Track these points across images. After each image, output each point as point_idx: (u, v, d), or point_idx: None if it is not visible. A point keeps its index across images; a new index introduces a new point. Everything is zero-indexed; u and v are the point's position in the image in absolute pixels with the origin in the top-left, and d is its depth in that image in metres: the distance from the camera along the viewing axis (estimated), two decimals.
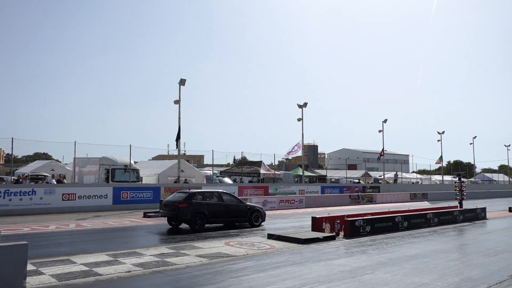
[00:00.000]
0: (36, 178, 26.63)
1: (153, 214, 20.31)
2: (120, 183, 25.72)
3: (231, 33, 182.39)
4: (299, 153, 38.77)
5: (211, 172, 36.28)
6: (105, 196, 23.94)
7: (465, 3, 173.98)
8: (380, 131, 46.28)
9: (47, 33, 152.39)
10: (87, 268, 8.69)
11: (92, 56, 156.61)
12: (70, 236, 14.20)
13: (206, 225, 15.89)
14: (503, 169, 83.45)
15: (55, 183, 24.79)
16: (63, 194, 22.46)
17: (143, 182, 29.32)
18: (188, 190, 17.33)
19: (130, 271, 8.56)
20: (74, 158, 25.89)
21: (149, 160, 40.34)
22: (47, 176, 27.41)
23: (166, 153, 59.13)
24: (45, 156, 41.92)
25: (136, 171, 27.80)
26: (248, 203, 18.05)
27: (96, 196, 23.61)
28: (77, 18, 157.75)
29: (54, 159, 40.13)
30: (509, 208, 26.23)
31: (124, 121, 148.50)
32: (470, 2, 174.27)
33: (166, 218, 16.66)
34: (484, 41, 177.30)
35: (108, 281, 7.86)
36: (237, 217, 16.89)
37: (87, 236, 14.23)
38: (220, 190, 17.52)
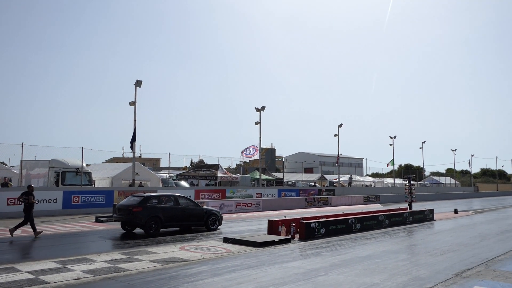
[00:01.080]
0: None
1: (105, 218, 19.68)
2: (71, 187, 24.78)
3: (190, 35, 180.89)
4: (257, 156, 38.99)
5: (167, 175, 35.71)
6: (55, 201, 22.95)
7: (418, 12, 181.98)
8: (335, 135, 47.37)
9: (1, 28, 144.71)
10: (33, 276, 8.27)
11: (42, 53, 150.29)
12: (15, 242, 13.47)
13: (161, 229, 15.61)
14: (450, 172, 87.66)
15: (0, 186, 23.50)
16: (8, 198, 21.30)
17: (96, 185, 28.40)
18: (143, 193, 16.95)
19: (79, 278, 8.23)
20: (21, 160, 24.63)
21: (103, 163, 39.17)
22: None
23: (121, 156, 57.63)
24: None
25: (88, 174, 26.89)
26: (205, 207, 17.87)
27: (45, 200, 22.58)
28: (30, 13, 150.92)
29: None
30: (455, 209, 27.58)
31: (77, 122, 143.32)
32: (422, 11, 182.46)
33: (120, 222, 16.20)
34: (435, 49, 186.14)
35: None
36: (194, 221, 16.68)
37: (33, 243, 13.56)
38: (176, 194, 17.21)
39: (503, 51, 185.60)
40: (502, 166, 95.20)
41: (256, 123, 37.82)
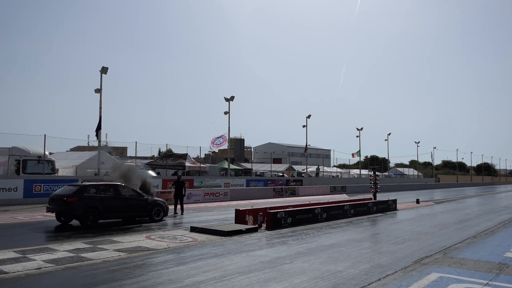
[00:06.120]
0: None
1: None
2: (33, 175, 24.00)
3: (159, 23, 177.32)
4: (225, 146, 38.90)
5: (134, 164, 35.06)
6: (15, 189, 22.19)
7: (386, 8, 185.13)
8: (304, 126, 47.80)
9: None
10: None
11: (3, 37, 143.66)
12: None
13: (100, 220, 14.73)
14: (413, 164, 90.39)
15: None
16: None
17: (59, 174, 27.62)
18: (80, 182, 15.95)
19: (40, 268, 8.02)
20: None
21: (67, 151, 38.06)
22: None
23: (86, 144, 56.15)
24: None
25: (51, 162, 26.10)
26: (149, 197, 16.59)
27: (4, 189, 21.79)
28: None
29: None
30: (417, 200, 28.49)
31: (39, 109, 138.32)
32: (390, 7, 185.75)
33: (54, 214, 15.11)
34: (401, 42, 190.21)
35: (14, 279, 7.31)
36: (136, 211, 15.71)
37: None
38: (118, 183, 15.92)
39: (467, 46, 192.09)
40: (462, 159, 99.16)
41: (225, 113, 37.67)
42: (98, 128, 27.24)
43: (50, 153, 27.22)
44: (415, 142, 74.07)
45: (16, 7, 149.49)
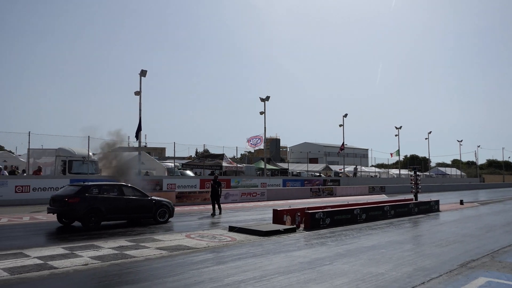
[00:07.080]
0: None
1: None
2: (78, 175, 24.95)
3: (194, 25, 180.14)
4: (261, 146, 39.02)
5: (172, 164, 35.83)
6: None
7: (422, 2, 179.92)
8: (340, 125, 47.22)
9: (9, 15, 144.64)
10: (42, 262, 8.39)
11: (49, 42, 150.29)
12: (23, 229, 13.64)
13: (103, 222, 14.23)
14: (455, 163, 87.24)
15: (7, 174, 23.70)
16: (16, 186, 21.56)
17: (102, 174, 28.55)
18: (82, 183, 15.23)
19: (87, 264, 8.34)
20: (28, 149, 24.83)
21: (108, 152, 39.29)
22: None
23: (126, 145, 57.72)
24: None
25: (94, 163, 27.06)
26: (154, 197, 15.91)
27: (52, 189, 22.73)
28: (35, 1, 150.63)
29: (6, 150, 38.30)
30: (461, 201, 27.48)
31: (83, 111, 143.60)
32: (427, 2, 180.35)
33: (56, 215, 14.56)
34: (441, 38, 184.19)
35: (64, 274, 7.64)
36: (140, 212, 15.18)
37: (41, 229, 13.72)
38: (122, 183, 15.73)
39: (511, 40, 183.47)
40: (509, 157, 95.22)
41: (261, 113, 37.78)
42: (139, 129, 28.01)
43: (94, 154, 28.22)
44: (458, 141, 71.65)
45: (55, 10, 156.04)
